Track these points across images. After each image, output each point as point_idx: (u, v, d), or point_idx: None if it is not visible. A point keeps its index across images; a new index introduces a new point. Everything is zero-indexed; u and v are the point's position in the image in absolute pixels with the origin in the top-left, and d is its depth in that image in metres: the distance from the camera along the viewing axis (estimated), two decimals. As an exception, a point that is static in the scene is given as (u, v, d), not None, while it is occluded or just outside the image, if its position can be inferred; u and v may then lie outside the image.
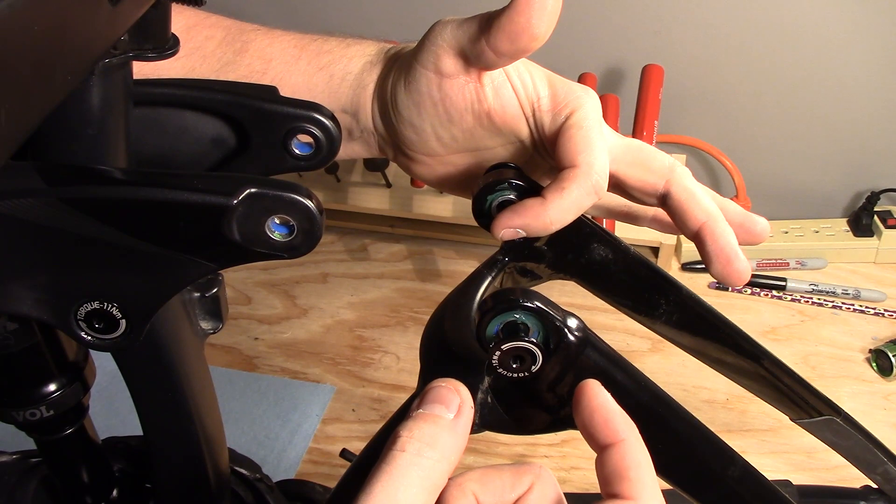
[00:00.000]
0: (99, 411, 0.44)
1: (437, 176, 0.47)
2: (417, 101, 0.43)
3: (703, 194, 0.42)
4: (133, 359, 0.38)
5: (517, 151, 0.45)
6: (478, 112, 0.43)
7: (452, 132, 0.44)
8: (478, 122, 0.44)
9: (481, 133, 0.44)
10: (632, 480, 0.29)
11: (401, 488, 0.28)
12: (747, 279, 0.41)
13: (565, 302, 0.35)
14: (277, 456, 0.71)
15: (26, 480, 0.47)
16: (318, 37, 0.48)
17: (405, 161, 0.47)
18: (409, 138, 0.45)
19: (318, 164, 0.40)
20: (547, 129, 0.43)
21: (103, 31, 0.26)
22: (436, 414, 0.31)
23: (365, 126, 0.47)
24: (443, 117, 0.43)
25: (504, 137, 0.44)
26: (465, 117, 0.43)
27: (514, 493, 0.31)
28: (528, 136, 0.44)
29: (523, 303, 0.32)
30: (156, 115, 0.39)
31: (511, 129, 0.44)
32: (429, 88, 0.43)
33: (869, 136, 0.92)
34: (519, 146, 0.45)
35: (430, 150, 0.45)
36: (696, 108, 0.94)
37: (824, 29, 0.86)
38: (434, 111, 0.43)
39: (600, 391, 0.32)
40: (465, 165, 0.46)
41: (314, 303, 0.88)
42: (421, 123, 0.44)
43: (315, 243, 0.29)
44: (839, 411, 0.49)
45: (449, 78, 0.42)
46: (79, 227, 0.28)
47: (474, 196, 0.41)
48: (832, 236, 0.91)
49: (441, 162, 0.46)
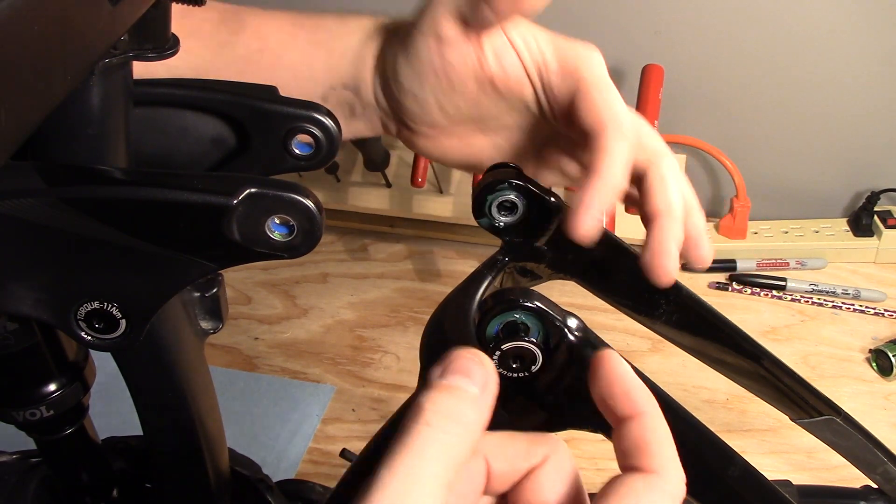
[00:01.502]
0: (99, 411, 0.44)
1: (441, 149, 0.47)
2: (419, 70, 0.43)
3: (675, 188, 0.41)
4: (133, 359, 0.38)
5: (522, 118, 0.45)
6: (480, 78, 0.43)
7: (455, 101, 0.44)
8: (481, 90, 0.43)
9: (485, 100, 0.44)
10: (653, 454, 0.28)
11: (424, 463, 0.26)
12: (669, 282, 0.40)
13: (565, 302, 0.35)
14: (277, 456, 0.71)
15: (26, 480, 0.46)
16: (314, 14, 0.47)
17: (408, 135, 0.47)
18: (412, 110, 0.44)
19: (318, 164, 0.40)
20: (557, 91, 0.42)
21: (103, 31, 0.26)
22: (460, 387, 0.29)
23: (367, 101, 0.46)
24: (445, 86, 0.43)
25: (508, 103, 0.44)
26: (468, 84, 0.43)
27: (526, 463, 0.29)
28: (533, 101, 0.43)
29: (523, 303, 0.32)
30: (156, 115, 0.39)
31: (516, 95, 0.43)
32: (429, 57, 0.42)
33: (869, 136, 0.92)
34: (524, 112, 0.44)
35: (434, 122, 0.45)
36: (696, 108, 0.94)
37: (824, 29, 0.86)
38: (436, 80, 0.43)
39: (619, 361, 0.30)
40: (470, 137, 0.46)
41: (314, 303, 0.88)
42: (423, 93, 0.44)
43: (315, 243, 0.28)
44: (839, 411, 0.49)
45: (449, 45, 0.42)
46: (79, 227, 0.28)
47: (474, 196, 0.41)
48: (832, 236, 0.91)
49: (445, 133, 0.46)
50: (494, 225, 0.41)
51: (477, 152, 0.46)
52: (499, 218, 0.41)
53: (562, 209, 0.41)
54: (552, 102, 0.43)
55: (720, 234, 0.91)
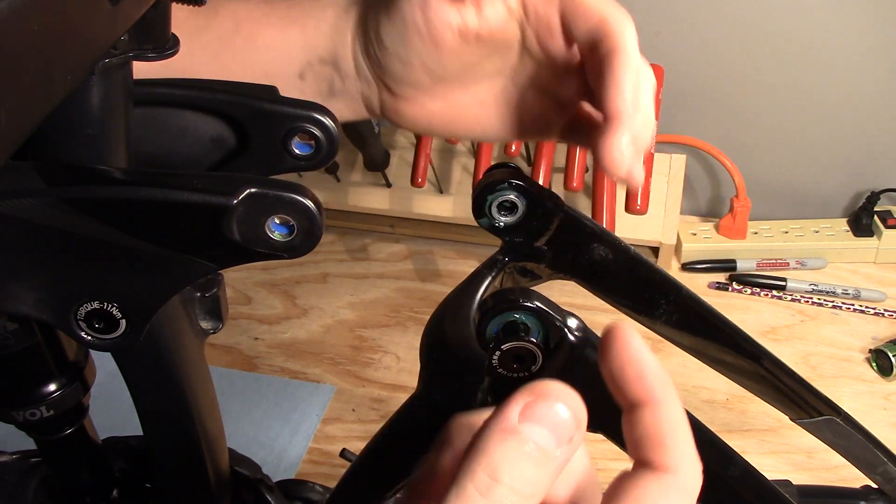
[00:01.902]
0: (99, 411, 0.44)
1: (426, 113, 0.47)
2: (402, 31, 0.43)
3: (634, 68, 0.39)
4: (133, 359, 0.38)
5: (503, 61, 0.45)
6: (465, 34, 0.43)
7: (439, 58, 0.44)
8: (464, 43, 0.43)
9: (468, 53, 0.44)
10: (668, 448, 0.25)
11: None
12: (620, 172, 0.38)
13: (565, 302, 0.35)
14: (277, 456, 0.71)
15: (26, 480, 0.47)
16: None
17: (392, 104, 0.47)
18: (396, 71, 0.45)
19: (318, 164, 0.40)
20: (542, 12, 0.42)
21: (103, 31, 0.26)
22: (544, 449, 0.23)
23: (346, 73, 0.46)
24: (429, 45, 0.43)
25: (490, 48, 0.44)
26: (452, 42, 0.43)
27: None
28: (517, 38, 0.44)
29: (523, 303, 0.32)
30: (156, 115, 0.39)
31: (500, 39, 0.44)
32: (413, 19, 0.43)
33: (869, 136, 0.92)
34: (506, 53, 0.44)
35: (418, 82, 0.45)
36: (696, 108, 0.94)
37: (824, 29, 0.86)
38: (420, 41, 0.43)
39: (634, 338, 0.26)
40: (453, 95, 0.46)
41: (314, 303, 0.88)
42: (407, 54, 0.44)
43: (315, 243, 0.28)
44: (839, 411, 0.49)
45: (433, 6, 0.42)
46: (79, 227, 0.28)
47: (474, 196, 0.41)
48: (832, 236, 0.91)
49: (430, 94, 0.46)
50: (494, 225, 0.41)
51: (461, 112, 0.47)
52: (499, 218, 0.41)
53: (562, 209, 0.41)
54: (539, 28, 0.43)
55: (720, 234, 0.91)
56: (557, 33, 0.43)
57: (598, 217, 0.83)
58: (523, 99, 0.47)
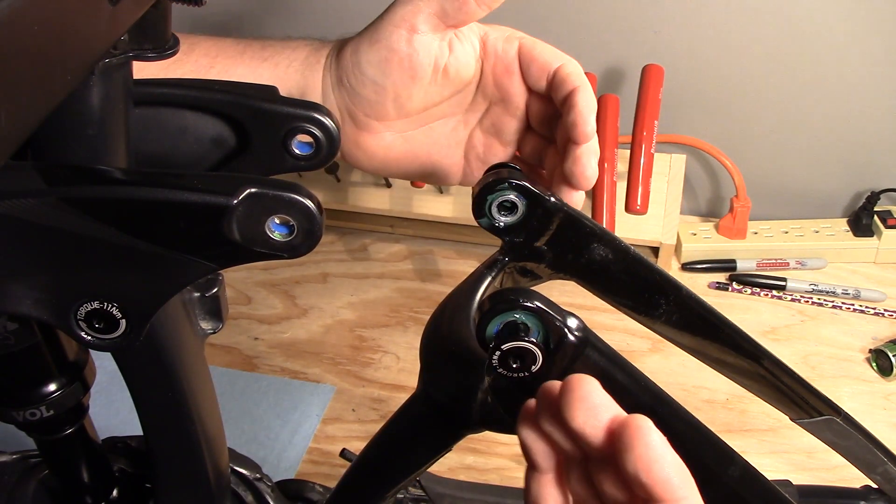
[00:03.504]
0: (99, 411, 0.44)
1: (384, 146, 0.51)
2: (385, 57, 0.47)
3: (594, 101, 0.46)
4: (133, 359, 0.38)
5: (458, 104, 0.51)
6: (437, 67, 0.48)
7: (411, 90, 0.48)
8: (433, 77, 0.48)
9: (433, 88, 0.49)
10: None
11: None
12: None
13: (565, 302, 0.35)
14: (277, 456, 0.71)
15: (26, 480, 0.47)
16: (260, 38, 0.53)
17: (354, 135, 0.50)
18: (368, 97, 0.48)
19: (318, 164, 0.40)
20: (502, 53, 0.49)
21: (103, 31, 0.26)
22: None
23: None
24: (407, 74, 0.47)
25: (451, 87, 0.49)
26: (427, 73, 0.48)
27: None
28: (476, 79, 0.49)
29: (523, 303, 0.32)
30: (156, 115, 0.39)
31: (462, 78, 0.49)
32: (399, 45, 0.47)
33: (869, 137, 0.92)
34: (463, 94, 0.50)
35: (384, 113, 0.49)
36: (696, 108, 0.94)
37: (824, 29, 0.86)
38: (399, 68, 0.47)
39: (655, 436, 0.26)
40: (411, 133, 0.51)
41: (314, 303, 0.88)
42: (383, 81, 0.48)
43: (315, 243, 0.29)
44: (839, 411, 0.49)
45: (420, 35, 0.46)
46: (79, 227, 0.28)
47: (474, 196, 0.41)
48: (832, 236, 0.91)
49: (391, 128, 0.50)
50: (494, 225, 0.41)
51: (414, 149, 0.51)
52: (499, 218, 0.41)
53: (562, 209, 0.41)
54: (497, 68, 0.49)
55: (720, 234, 0.91)
56: (516, 74, 0.49)
57: (598, 217, 0.83)
58: (471, 139, 0.52)
